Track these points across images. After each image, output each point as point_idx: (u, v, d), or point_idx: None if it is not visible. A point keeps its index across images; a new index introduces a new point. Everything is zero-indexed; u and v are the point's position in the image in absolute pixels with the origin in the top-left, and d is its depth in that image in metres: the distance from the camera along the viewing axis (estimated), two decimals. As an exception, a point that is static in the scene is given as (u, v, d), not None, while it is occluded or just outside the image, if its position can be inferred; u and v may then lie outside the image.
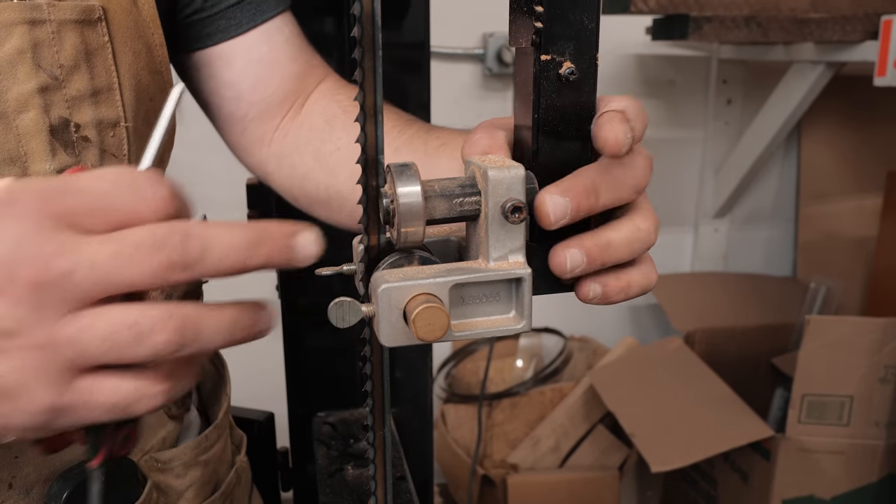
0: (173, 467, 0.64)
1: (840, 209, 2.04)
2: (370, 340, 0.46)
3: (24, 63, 0.52)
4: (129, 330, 0.35)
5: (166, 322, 0.35)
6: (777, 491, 1.57)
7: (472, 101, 1.88)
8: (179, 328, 0.36)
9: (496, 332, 0.43)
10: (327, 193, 0.72)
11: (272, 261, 0.37)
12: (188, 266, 0.35)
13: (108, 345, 0.35)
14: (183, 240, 0.35)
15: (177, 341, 0.36)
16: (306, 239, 0.38)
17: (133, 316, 0.35)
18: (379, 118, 0.41)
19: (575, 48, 0.43)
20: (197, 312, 0.37)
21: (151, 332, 0.35)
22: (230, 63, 0.72)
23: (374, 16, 0.39)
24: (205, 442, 0.67)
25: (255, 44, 0.71)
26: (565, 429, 1.80)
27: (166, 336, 0.35)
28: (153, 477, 0.63)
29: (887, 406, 1.51)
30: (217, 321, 0.37)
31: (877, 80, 1.42)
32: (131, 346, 0.35)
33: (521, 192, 0.42)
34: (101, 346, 0.35)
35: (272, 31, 0.72)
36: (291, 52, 0.74)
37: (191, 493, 0.66)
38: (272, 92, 0.73)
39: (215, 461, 0.70)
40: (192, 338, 0.36)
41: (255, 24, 0.71)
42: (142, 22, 0.60)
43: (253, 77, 0.72)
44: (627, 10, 1.48)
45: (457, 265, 0.42)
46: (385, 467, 0.49)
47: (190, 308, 0.37)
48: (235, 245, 0.36)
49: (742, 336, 1.85)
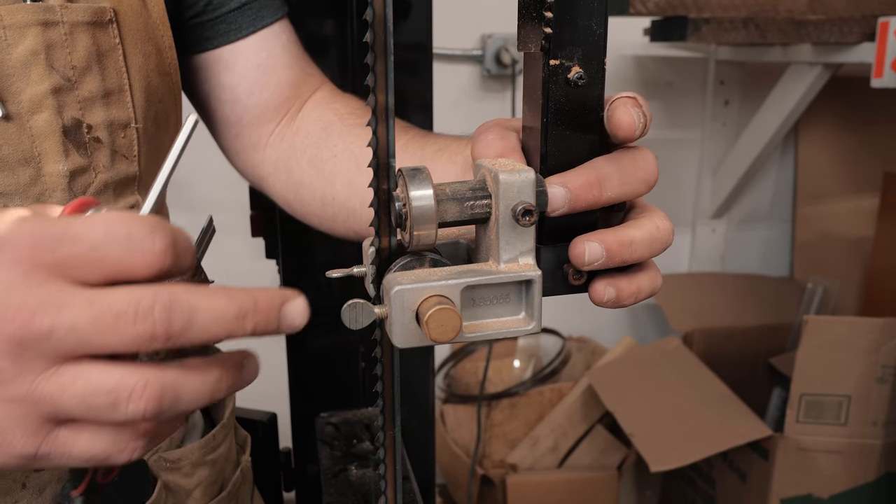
0: (182, 466, 0.65)
1: (837, 210, 2.06)
2: (381, 342, 0.46)
3: (38, 64, 0.53)
4: (105, 396, 0.35)
5: (143, 391, 0.35)
6: (775, 490, 1.58)
7: (471, 102, 1.89)
8: (158, 397, 0.35)
9: (507, 333, 0.43)
10: (322, 202, 0.73)
11: (257, 331, 0.37)
12: (170, 337, 0.35)
13: (85, 407, 0.35)
14: (166, 310, 0.35)
15: (154, 409, 0.35)
16: (295, 309, 0.38)
17: (112, 381, 0.35)
18: (390, 121, 0.42)
19: (583, 53, 0.43)
20: (178, 378, 0.36)
21: (129, 401, 0.35)
22: (229, 67, 0.72)
23: (387, 21, 0.40)
24: (212, 441, 0.68)
25: (254, 49, 0.72)
26: (564, 429, 1.80)
27: (143, 405, 0.35)
28: (162, 476, 0.63)
29: (884, 405, 1.52)
30: (199, 385, 0.37)
31: (874, 82, 1.43)
32: (107, 411, 0.35)
33: (532, 195, 0.42)
34: (78, 406, 0.35)
35: (270, 38, 0.73)
36: (288, 59, 0.75)
37: (198, 492, 0.66)
38: (268, 97, 0.74)
39: (222, 460, 0.70)
40: (170, 405, 0.36)
41: (255, 29, 0.72)
42: (151, 24, 0.61)
43: (250, 81, 0.73)
44: (626, 12, 1.49)
45: (468, 267, 0.43)
46: (395, 467, 0.49)
47: (172, 374, 0.36)
48: (221, 317, 0.36)
49: (740, 336, 1.86)
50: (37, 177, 0.54)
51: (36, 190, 0.54)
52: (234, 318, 0.36)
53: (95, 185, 0.57)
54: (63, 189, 0.55)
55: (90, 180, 0.57)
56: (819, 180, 2.07)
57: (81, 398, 0.35)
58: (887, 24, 1.39)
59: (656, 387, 1.71)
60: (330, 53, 1.04)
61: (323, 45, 1.03)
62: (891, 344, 1.49)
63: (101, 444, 0.37)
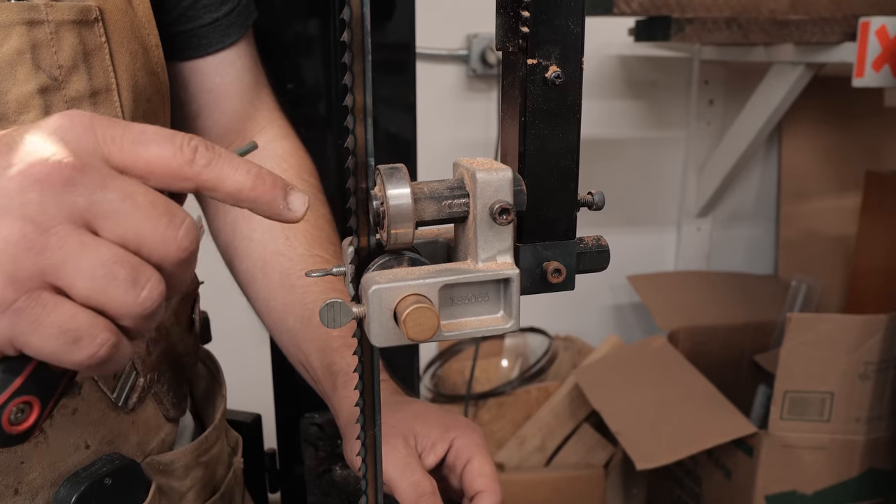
0: (175, 469, 0.65)
1: (820, 208, 2.07)
2: (361, 341, 0.46)
3: (24, 64, 0.52)
4: (107, 270, 0.35)
5: (147, 282, 0.36)
6: (760, 487, 1.59)
7: (457, 101, 1.89)
8: (159, 294, 0.36)
9: (485, 331, 0.43)
10: (237, 269, 0.76)
11: (261, 200, 0.39)
12: (208, 164, 0.38)
13: (87, 280, 0.35)
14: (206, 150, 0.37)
15: (154, 303, 0.36)
16: (298, 199, 0.40)
17: (125, 261, 0.35)
18: (368, 120, 0.42)
19: (561, 52, 0.44)
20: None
21: (134, 285, 0.35)
22: (184, 85, 0.73)
23: (364, 20, 0.40)
24: (204, 443, 0.68)
25: (209, 72, 0.73)
26: (551, 428, 1.81)
27: (146, 294, 0.36)
28: (155, 479, 0.63)
29: (867, 401, 1.53)
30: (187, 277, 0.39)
31: (855, 81, 1.44)
32: (105, 285, 0.35)
33: (509, 193, 0.42)
34: (79, 275, 0.34)
35: (227, 63, 0.73)
36: (239, 89, 0.75)
37: (192, 494, 0.66)
38: (212, 124, 0.75)
39: (214, 462, 0.70)
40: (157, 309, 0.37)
41: (220, 47, 0.72)
42: (137, 23, 0.60)
43: (199, 104, 0.74)
44: (610, 12, 1.49)
45: (446, 266, 0.43)
46: (376, 466, 0.49)
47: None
48: (241, 181, 0.39)
49: (725, 334, 1.87)
50: None
51: None
52: (250, 189, 0.39)
53: None
54: None
55: None
56: (802, 179, 2.08)
57: (90, 268, 0.34)
58: (868, 24, 1.41)
59: (642, 385, 1.72)
60: (315, 53, 1.04)
61: (308, 44, 1.03)
62: (873, 341, 1.50)
63: (79, 319, 0.35)
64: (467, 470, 0.59)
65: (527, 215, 0.44)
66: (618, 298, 2.15)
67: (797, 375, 1.54)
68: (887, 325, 1.50)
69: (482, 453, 0.60)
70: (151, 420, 0.64)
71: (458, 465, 0.60)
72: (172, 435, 0.67)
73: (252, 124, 0.77)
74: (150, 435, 0.64)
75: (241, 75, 0.75)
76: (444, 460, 0.62)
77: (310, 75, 1.04)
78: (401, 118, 1.06)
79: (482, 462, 0.60)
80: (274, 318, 0.72)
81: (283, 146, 0.77)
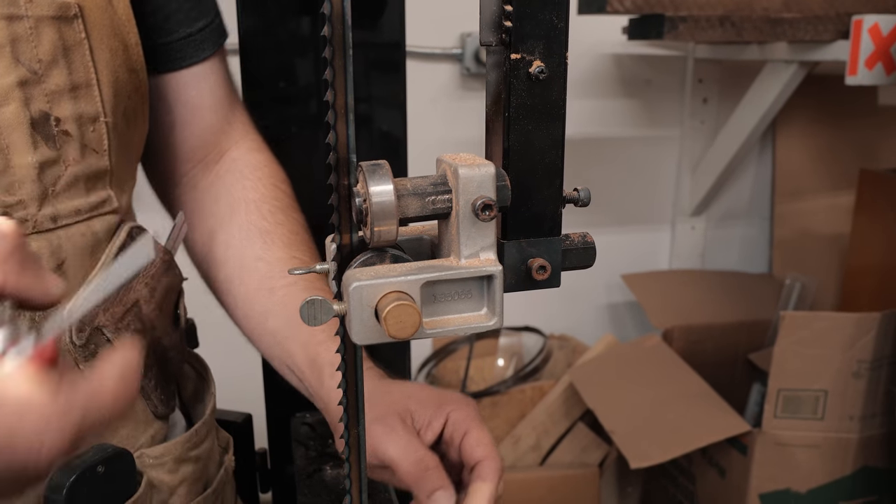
0: (165, 462, 0.65)
1: (814, 207, 2.07)
2: (343, 339, 0.46)
3: (3, 57, 0.53)
4: None
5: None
6: (754, 485, 1.59)
7: (451, 100, 1.88)
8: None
9: (468, 329, 0.43)
10: (209, 276, 0.77)
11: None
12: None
13: None
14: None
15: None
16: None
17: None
18: (350, 117, 0.41)
19: (545, 47, 0.43)
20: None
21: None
22: (161, 98, 0.74)
23: (345, 15, 0.39)
24: (195, 437, 0.68)
25: (184, 86, 0.74)
26: (545, 427, 1.81)
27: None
28: (146, 473, 0.64)
29: (860, 400, 1.53)
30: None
31: (848, 80, 1.44)
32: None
33: (492, 190, 0.42)
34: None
35: (200, 77, 0.74)
36: (213, 103, 0.76)
37: (183, 489, 0.67)
38: (188, 136, 0.76)
39: (205, 458, 0.70)
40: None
41: (194, 62, 0.73)
42: (117, 21, 0.62)
43: (174, 116, 0.75)
44: (604, 10, 1.49)
45: (428, 263, 0.43)
46: (360, 466, 0.49)
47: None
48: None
49: (719, 332, 1.87)
50: (5, 167, 0.55)
51: (5, 181, 0.55)
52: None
53: (66, 178, 0.58)
54: (33, 180, 0.56)
55: (60, 172, 0.58)
56: (797, 177, 2.08)
57: None
58: (861, 23, 1.41)
59: (637, 384, 1.72)
60: (306, 52, 1.03)
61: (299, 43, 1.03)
62: (866, 339, 1.50)
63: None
64: (465, 441, 0.60)
65: (511, 211, 0.44)
66: (612, 297, 2.15)
67: (791, 373, 1.54)
68: (881, 324, 1.50)
69: (478, 425, 0.61)
70: (140, 415, 0.65)
71: (456, 438, 0.61)
72: (162, 432, 0.68)
73: (226, 138, 0.79)
74: (138, 429, 0.65)
75: (215, 90, 0.76)
76: (441, 436, 0.62)
77: (301, 74, 1.04)
78: (391, 117, 1.06)
79: (479, 432, 0.60)
80: (254, 323, 0.72)
81: (258, 158, 0.79)
